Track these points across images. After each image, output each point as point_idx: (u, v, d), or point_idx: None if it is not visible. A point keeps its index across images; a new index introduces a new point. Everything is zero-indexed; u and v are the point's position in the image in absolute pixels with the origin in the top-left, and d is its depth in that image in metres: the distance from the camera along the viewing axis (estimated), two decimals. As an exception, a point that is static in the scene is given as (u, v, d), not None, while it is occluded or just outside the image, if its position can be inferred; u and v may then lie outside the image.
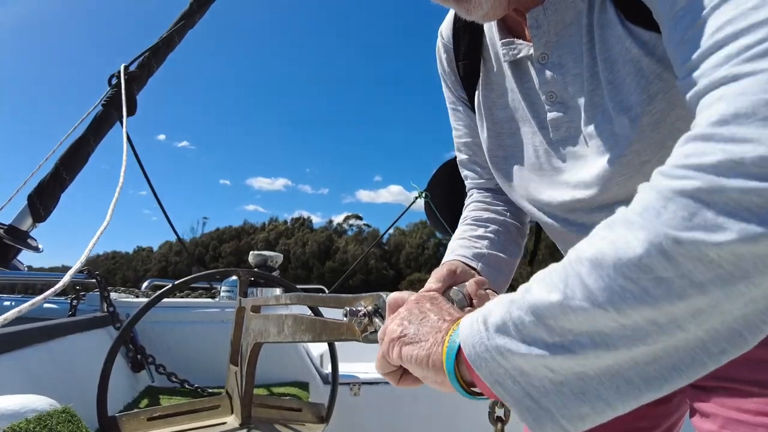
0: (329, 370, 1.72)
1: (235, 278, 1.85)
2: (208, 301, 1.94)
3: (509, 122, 0.74)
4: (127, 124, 1.59)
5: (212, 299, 1.98)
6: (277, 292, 1.78)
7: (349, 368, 1.93)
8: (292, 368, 1.82)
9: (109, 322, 1.64)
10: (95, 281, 1.73)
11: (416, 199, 2.71)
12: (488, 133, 0.77)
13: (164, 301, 1.34)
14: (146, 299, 1.37)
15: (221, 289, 1.96)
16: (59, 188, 1.59)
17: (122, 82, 1.67)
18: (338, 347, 1.63)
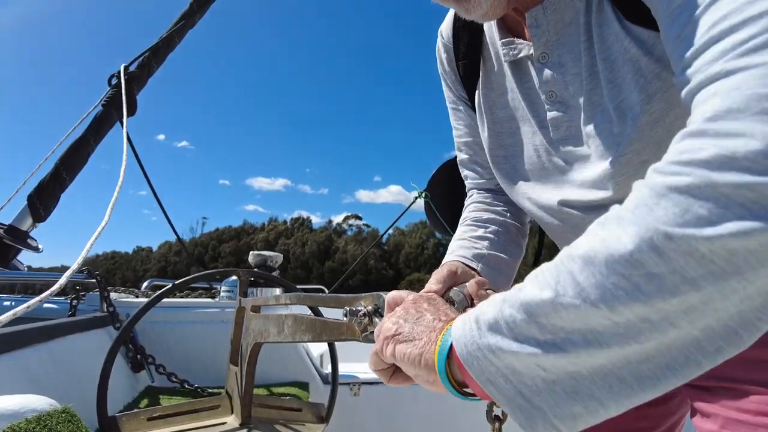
0: (329, 370, 1.72)
1: (234, 278, 1.85)
2: (208, 301, 1.94)
3: (509, 122, 0.74)
4: (127, 124, 1.59)
5: (212, 299, 1.98)
6: (277, 292, 1.78)
7: (349, 368, 1.93)
8: (292, 368, 1.82)
9: (109, 322, 1.64)
10: (95, 281, 1.73)
11: (416, 199, 2.70)
12: (489, 132, 0.77)
13: (164, 301, 1.34)
14: (146, 299, 1.37)
15: (221, 289, 1.96)
16: (59, 188, 1.59)
17: (122, 82, 1.67)
18: (338, 347, 1.63)
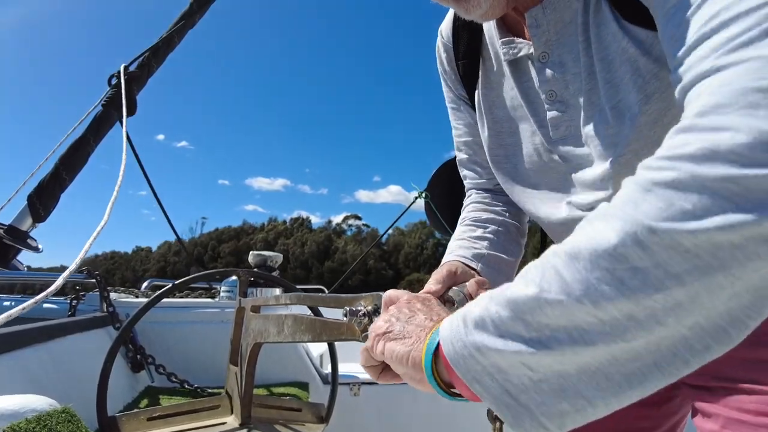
0: (329, 370, 1.71)
1: (234, 278, 1.85)
2: (207, 301, 1.93)
3: (509, 121, 0.74)
4: (126, 124, 1.59)
5: (212, 299, 1.97)
6: (276, 292, 1.78)
7: (349, 368, 1.93)
8: (292, 368, 1.82)
9: (108, 322, 1.64)
10: (95, 281, 1.73)
11: (416, 199, 2.71)
12: (488, 132, 0.77)
13: (164, 301, 1.33)
14: (146, 299, 1.37)
15: (221, 289, 1.96)
16: (59, 188, 1.59)
17: (122, 82, 1.67)
18: (338, 347, 1.63)
